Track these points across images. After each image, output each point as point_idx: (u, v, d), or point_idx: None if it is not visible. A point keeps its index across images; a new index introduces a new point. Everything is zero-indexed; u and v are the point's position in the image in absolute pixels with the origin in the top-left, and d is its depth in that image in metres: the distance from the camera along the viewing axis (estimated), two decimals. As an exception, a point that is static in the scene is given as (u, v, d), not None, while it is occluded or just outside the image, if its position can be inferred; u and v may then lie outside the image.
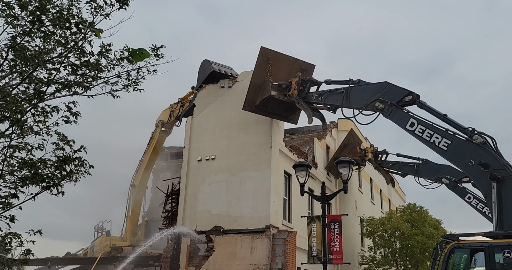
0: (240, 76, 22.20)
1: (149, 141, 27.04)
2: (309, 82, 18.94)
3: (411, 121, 14.44)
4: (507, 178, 12.17)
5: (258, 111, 20.21)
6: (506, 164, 12.53)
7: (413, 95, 14.93)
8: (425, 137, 13.97)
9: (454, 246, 11.30)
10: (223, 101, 22.35)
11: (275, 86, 19.06)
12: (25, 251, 6.52)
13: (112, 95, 7.70)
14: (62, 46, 6.85)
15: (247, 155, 20.88)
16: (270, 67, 19.23)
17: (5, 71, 7.22)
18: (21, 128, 6.12)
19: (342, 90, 17.11)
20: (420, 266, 24.78)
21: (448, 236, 11.99)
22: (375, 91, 15.82)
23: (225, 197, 20.78)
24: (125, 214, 27.54)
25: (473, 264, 11.58)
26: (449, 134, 13.66)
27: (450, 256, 11.26)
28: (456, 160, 13.62)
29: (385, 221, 26.14)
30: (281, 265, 18.73)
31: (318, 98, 18.36)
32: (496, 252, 10.72)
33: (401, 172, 21.43)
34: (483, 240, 11.28)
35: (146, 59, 7.36)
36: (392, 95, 15.29)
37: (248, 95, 19.75)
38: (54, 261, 25.12)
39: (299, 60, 20.09)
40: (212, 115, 22.45)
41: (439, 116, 14.22)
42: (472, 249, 11.36)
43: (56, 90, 6.66)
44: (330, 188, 24.73)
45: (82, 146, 6.65)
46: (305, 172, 13.90)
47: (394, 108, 14.98)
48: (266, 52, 19.36)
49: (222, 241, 20.16)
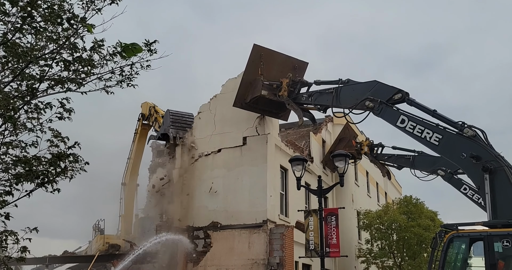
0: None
1: (134, 137, 26.80)
2: (299, 83, 19.07)
3: (402, 118, 14.55)
4: (499, 169, 12.28)
5: (248, 108, 20.28)
6: (497, 156, 12.65)
7: (402, 93, 15.06)
8: (416, 133, 14.09)
9: (453, 235, 11.33)
10: (218, 98, 22.33)
11: (266, 85, 19.11)
12: (21, 249, 6.48)
13: (106, 91, 7.64)
14: (54, 42, 6.79)
15: (243, 150, 20.88)
16: (263, 65, 19.25)
17: (-4, 68, 7.15)
18: (14, 125, 6.07)
19: (332, 90, 17.22)
20: (417, 257, 24.91)
21: (447, 226, 12.02)
22: (364, 90, 15.92)
23: (221, 193, 20.80)
24: (119, 212, 27.50)
25: (472, 254, 11.64)
26: (439, 129, 13.79)
27: (449, 245, 11.30)
28: (448, 154, 13.73)
29: (381, 213, 26.24)
30: (278, 259, 18.78)
31: (308, 99, 18.49)
32: (495, 241, 10.74)
33: (397, 164, 21.45)
34: (482, 229, 11.32)
35: (139, 54, 7.30)
36: (381, 93, 15.40)
37: (239, 91, 19.78)
38: (52, 259, 25.06)
39: (292, 58, 20.13)
40: (207, 111, 22.46)
41: (429, 112, 14.36)
42: (471, 239, 11.40)
43: (49, 87, 6.60)
44: (327, 182, 24.77)
45: (76, 142, 6.61)
46: (301, 166, 13.93)
47: (384, 106, 15.09)
48: (258, 49, 19.35)
49: (220, 237, 20.19)
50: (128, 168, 27.15)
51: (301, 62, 20.22)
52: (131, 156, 26.82)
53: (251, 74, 19.44)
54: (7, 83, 6.59)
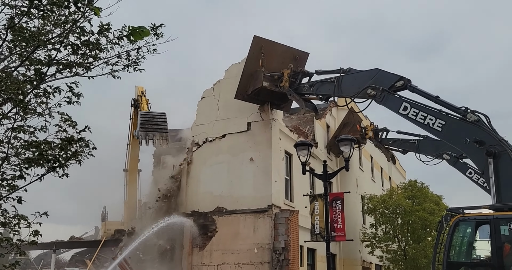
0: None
1: (129, 123, 26.66)
2: (300, 73, 19.09)
3: (404, 105, 14.55)
4: (503, 153, 12.32)
5: (250, 99, 20.34)
6: (501, 140, 12.67)
7: (404, 80, 15.06)
8: (419, 120, 14.10)
9: (459, 219, 11.37)
10: (221, 83, 22.28)
11: (267, 76, 19.11)
12: (33, 232, 6.54)
13: (113, 75, 7.61)
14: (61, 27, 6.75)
15: (247, 136, 20.89)
16: (263, 56, 19.22)
17: (4, 54, 7.13)
18: (23, 109, 6.07)
19: (333, 79, 17.24)
20: (421, 241, 25.02)
21: (453, 209, 12.04)
22: (366, 79, 15.91)
23: (226, 178, 20.87)
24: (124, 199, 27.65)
25: (477, 237, 11.67)
26: (442, 115, 13.79)
27: (455, 229, 11.34)
28: (452, 140, 13.74)
29: (386, 198, 26.31)
30: (284, 244, 18.92)
31: (310, 89, 18.52)
32: (502, 224, 10.78)
33: (402, 149, 21.44)
34: (488, 213, 11.34)
35: (145, 38, 7.26)
36: (383, 81, 15.40)
37: (240, 83, 19.78)
38: (59, 244, 25.30)
39: (293, 49, 20.10)
40: (211, 97, 22.43)
41: (431, 99, 14.37)
42: (477, 222, 11.43)
43: (57, 71, 6.57)
44: (331, 166, 24.79)
45: (87, 126, 6.61)
46: (306, 150, 13.93)
47: (386, 94, 15.10)
48: (259, 41, 19.31)
49: (225, 222, 20.32)
50: (128, 154, 27.17)
51: (302, 53, 20.23)
52: (129, 142, 26.78)
53: (252, 65, 19.46)
54: (15, 68, 6.57)
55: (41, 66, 6.27)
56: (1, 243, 6.52)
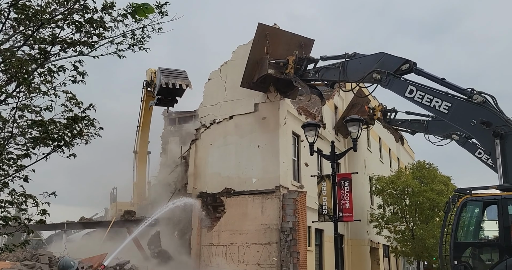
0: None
1: (140, 104, 26.79)
2: (305, 59, 18.99)
3: (410, 88, 14.45)
4: (510, 133, 12.26)
5: (256, 87, 20.30)
6: (508, 120, 12.60)
7: (410, 63, 14.97)
8: (425, 103, 14.04)
9: (466, 199, 11.34)
10: (228, 64, 22.16)
11: (272, 64, 19.01)
12: (41, 211, 6.58)
13: (118, 55, 7.53)
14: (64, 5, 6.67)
15: (255, 117, 20.84)
16: (268, 43, 19.09)
17: (8, 34, 7.08)
18: (28, 88, 6.04)
19: (338, 64, 17.18)
20: (429, 222, 25.06)
21: (460, 190, 12.01)
22: (371, 63, 15.84)
23: (234, 159, 20.91)
24: (133, 180, 27.93)
25: (485, 217, 11.65)
26: (448, 97, 13.69)
27: (462, 209, 11.32)
28: (458, 122, 13.65)
29: (394, 179, 26.28)
30: (291, 224, 19.01)
31: (315, 75, 18.47)
32: (509, 204, 10.76)
33: (410, 129, 21.33)
34: (496, 193, 11.29)
35: (150, 17, 7.16)
36: (388, 65, 15.32)
37: (246, 71, 19.67)
38: (70, 225, 25.62)
39: (298, 35, 19.92)
40: (218, 78, 22.33)
41: (437, 81, 14.28)
42: (485, 202, 11.41)
43: (61, 49, 6.52)
44: (339, 147, 24.72)
45: (91, 104, 6.57)
46: (314, 131, 13.87)
47: (391, 78, 15.03)
48: (263, 28, 19.18)
49: (233, 203, 20.42)
50: (138, 136, 27.36)
51: (307, 39, 20.08)
52: (140, 124, 26.98)
53: (257, 53, 19.35)
54: (19, 47, 6.52)
55: (45, 45, 6.22)
56: (9, 222, 6.57)
